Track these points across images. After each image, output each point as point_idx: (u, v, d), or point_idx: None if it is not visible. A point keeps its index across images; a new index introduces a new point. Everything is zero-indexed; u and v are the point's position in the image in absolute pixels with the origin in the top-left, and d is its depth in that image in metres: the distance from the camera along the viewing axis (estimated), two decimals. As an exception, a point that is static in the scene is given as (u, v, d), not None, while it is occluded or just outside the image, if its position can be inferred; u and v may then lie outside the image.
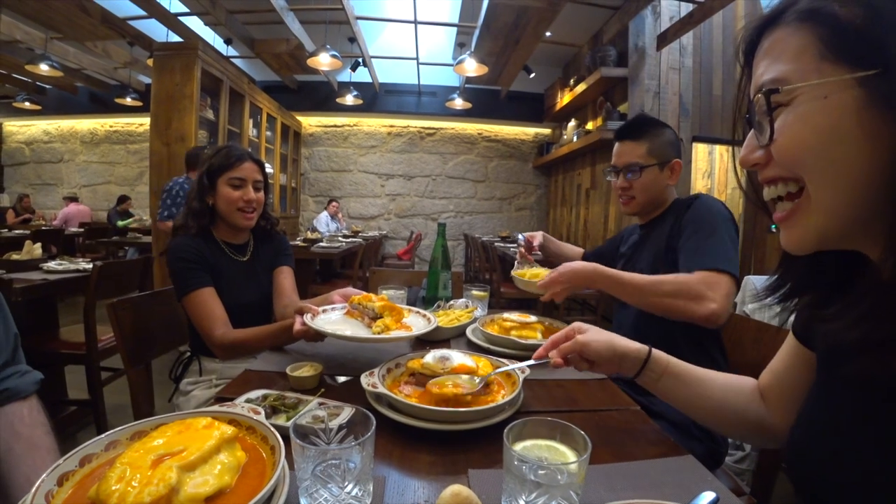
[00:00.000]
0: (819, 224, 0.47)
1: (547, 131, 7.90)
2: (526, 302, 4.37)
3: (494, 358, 0.99)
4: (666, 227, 1.37)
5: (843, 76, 0.42)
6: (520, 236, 1.69)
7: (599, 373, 0.85)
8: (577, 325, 0.83)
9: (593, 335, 0.79)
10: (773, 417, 0.72)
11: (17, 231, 5.64)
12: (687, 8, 4.25)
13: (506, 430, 0.55)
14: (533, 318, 1.33)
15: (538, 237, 1.71)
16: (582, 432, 0.55)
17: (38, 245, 2.58)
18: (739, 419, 0.75)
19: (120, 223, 6.50)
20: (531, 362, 0.85)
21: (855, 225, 0.46)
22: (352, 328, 1.08)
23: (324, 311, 1.16)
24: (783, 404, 0.69)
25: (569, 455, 0.55)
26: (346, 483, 0.53)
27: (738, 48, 0.53)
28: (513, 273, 1.48)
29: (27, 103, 7.00)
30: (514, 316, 1.33)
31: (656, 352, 0.80)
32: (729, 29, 4.81)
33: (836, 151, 0.43)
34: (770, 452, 1.18)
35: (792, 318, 0.65)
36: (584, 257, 1.77)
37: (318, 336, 1.13)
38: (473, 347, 1.26)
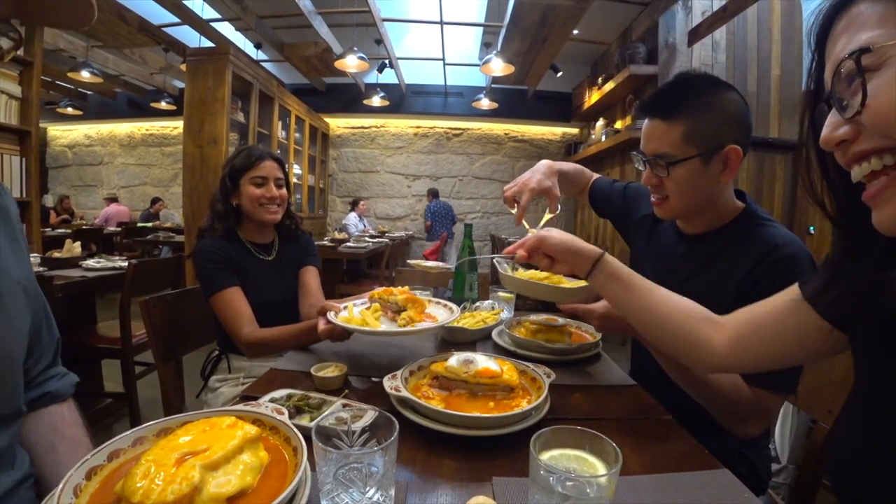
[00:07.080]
0: None
1: (575, 131, 7.79)
2: (554, 305, 4.29)
3: (520, 361, 0.97)
4: (730, 258, 0.99)
5: None
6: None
7: (559, 272, 0.89)
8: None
9: (554, 233, 0.87)
10: (727, 348, 0.71)
11: (59, 230, 5.89)
12: (720, 2, 4.11)
13: (532, 439, 0.53)
14: (561, 322, 1.30)
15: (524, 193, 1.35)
16: (613, 443, 0.53)
17: (78, 244, 2.69)
18: (680, 336, 0.76)
19: (139, 224, 6.85)
20: (500, 255, 0.95)
21: None
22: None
23: (344, 307, 1.15)
24: (753, 346, 0.69)
25: (598, 466, 0.53)
26: (368, 488, 0.52)
27: (809, 32, 0.52)
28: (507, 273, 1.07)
29: (70, 109, 7.36)
30: (542, 319, 1.30)
31: (609, 256, 0.83)
32: (764, 23, 4.64)
33: None
34: (811, 465, 1.12)
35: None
36: (595, 183, 1.53)
37: (344, 334, 1.12)
38: (499, 350, 1.24)
